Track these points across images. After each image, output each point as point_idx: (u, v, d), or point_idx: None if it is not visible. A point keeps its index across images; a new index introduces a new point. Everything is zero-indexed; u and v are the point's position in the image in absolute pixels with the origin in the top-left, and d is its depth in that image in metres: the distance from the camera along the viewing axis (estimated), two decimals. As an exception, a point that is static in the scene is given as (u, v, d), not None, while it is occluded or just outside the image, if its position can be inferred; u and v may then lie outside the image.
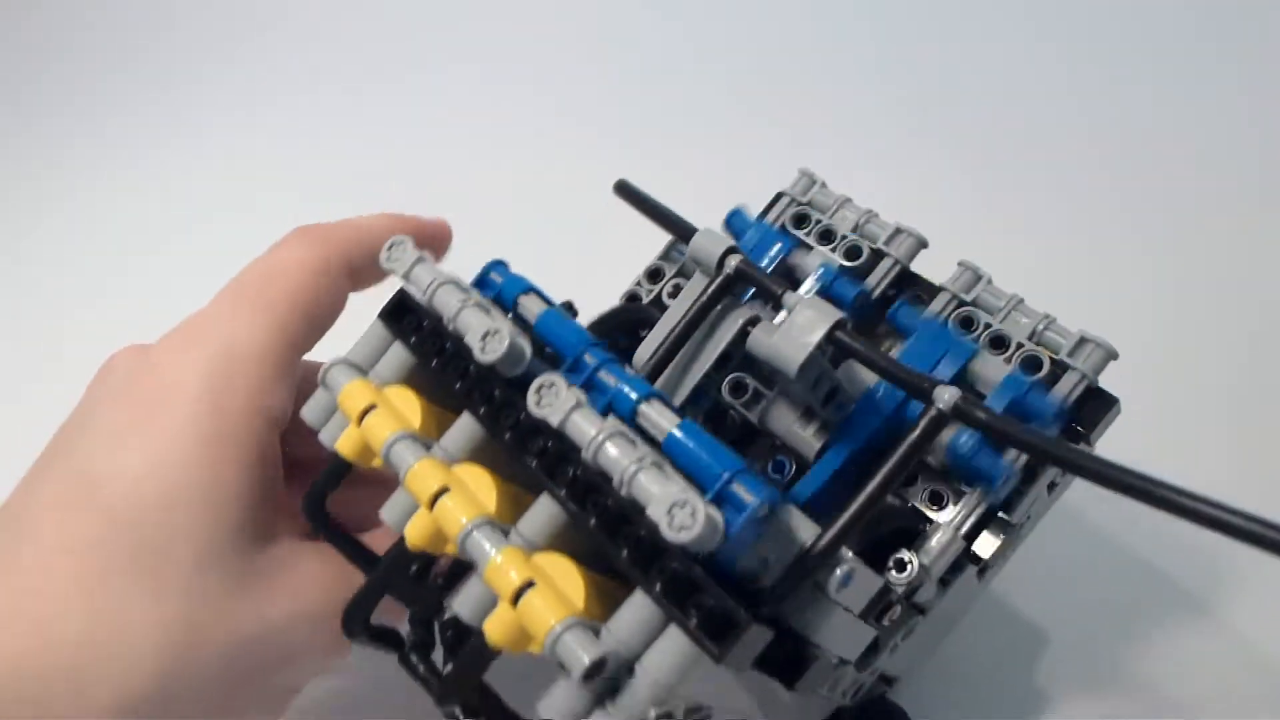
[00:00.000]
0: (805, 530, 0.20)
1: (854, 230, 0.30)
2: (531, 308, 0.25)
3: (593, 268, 0.36)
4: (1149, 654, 0.35)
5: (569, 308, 0.29)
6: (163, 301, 0.55)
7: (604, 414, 0.21)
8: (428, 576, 0.25)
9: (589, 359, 0.22)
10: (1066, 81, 0.56)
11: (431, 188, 0.57)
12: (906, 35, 0.60)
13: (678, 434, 0.20)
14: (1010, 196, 0.51)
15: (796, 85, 0.59)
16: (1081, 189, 0.51)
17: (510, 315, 0.25)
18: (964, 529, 0.25)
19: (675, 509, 0.17)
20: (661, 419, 0.21)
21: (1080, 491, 0.28)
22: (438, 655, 0.25)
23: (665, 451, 0.20)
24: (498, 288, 0.25)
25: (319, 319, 0.28)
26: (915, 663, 0.32)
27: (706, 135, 0.57)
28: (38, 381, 0.50)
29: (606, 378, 0.22)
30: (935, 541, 0.25)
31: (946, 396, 0.20)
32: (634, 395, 0.21)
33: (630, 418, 0.21)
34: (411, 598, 0.25)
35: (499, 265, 0.26)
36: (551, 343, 0.24)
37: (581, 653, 0.18)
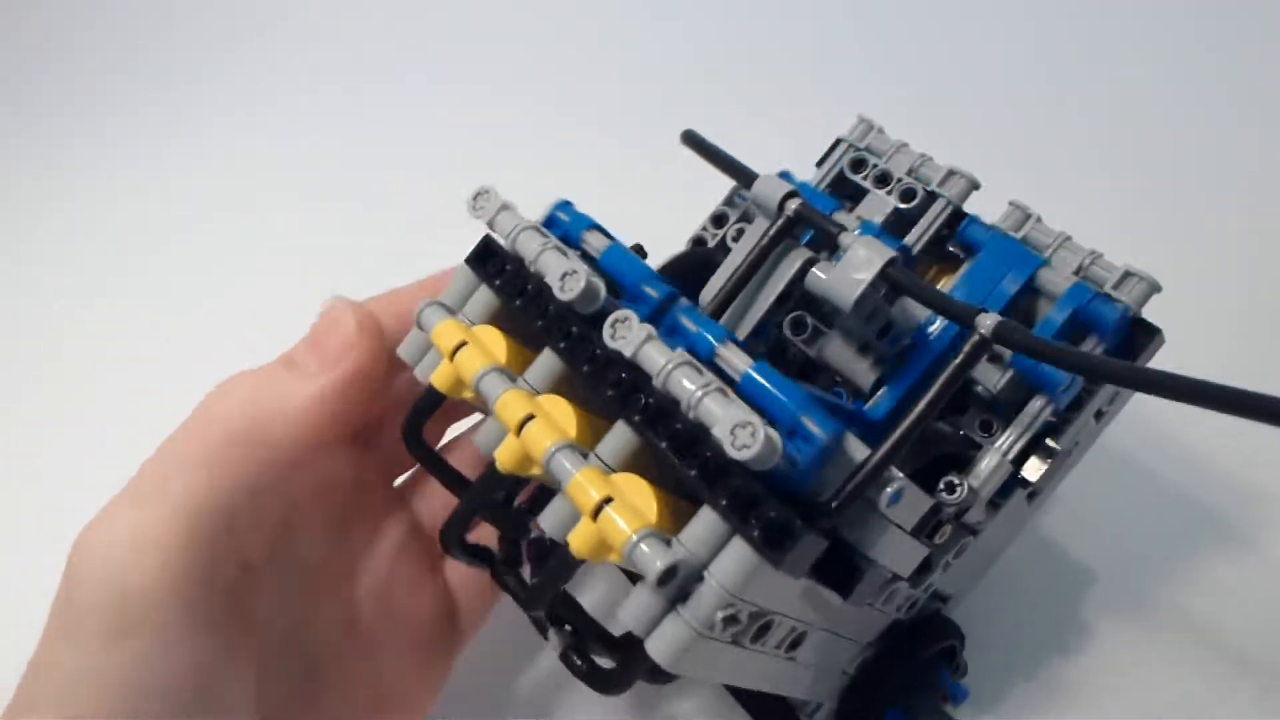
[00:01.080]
0: (859, 452, 0.21)
1: (909, 174, 0.31)
2: (595, 244, 0.26)
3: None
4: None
5: (638, 250, 0.30)
6: (163, 301, 0.56)
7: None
8: (514, 501, 0.28)
9: (650, 291, 0.24)
10: (1066, 81, 0.56)
11: (431, 187, 0.57)
12: (906, 35, 0.60)
13: (753, 374, 0.22)
14: (1010, 196, 0.51)
15: (796, 85, 0.59)
16: (1082, 189, 0.51)
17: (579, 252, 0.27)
18: (1011, 454, 0.26)
19: (738, 429, 0.19)
20: (737, 359, 0.22)
21: (1124, 432, 0.30)
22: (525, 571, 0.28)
23: (740, 390, 0.22)
24: (565, 226, 0.27)
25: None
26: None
27: (706, 135, 0.57)
28: (38, 381, 0.50)
29: (686, 323, 0.23)
30: (984, 465, 0.26)
31: (989, 322, 0.22)
32: (712, 338, 0.23)
33: (709, 358, 0.22)
34: (500, 520, 0.28)
35: (565, 205, 0.28)
36: (614, 276, 0.25)
37: (656, 559, 0.20)
